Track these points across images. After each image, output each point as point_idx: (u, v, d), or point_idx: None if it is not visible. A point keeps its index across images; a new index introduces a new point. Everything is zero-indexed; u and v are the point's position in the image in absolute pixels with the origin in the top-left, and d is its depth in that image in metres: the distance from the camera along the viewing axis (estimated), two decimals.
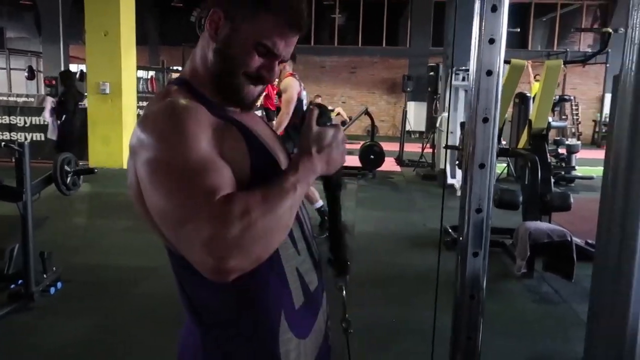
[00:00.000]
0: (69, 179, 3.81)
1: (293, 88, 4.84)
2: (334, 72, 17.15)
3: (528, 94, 8.38)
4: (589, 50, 16.63)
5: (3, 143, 3.42)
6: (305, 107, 4.84)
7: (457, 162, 6.35)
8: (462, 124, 7.63)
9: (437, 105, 9.71)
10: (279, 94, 5.18)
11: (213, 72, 0.97)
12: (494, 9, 1.16)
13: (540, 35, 17.62)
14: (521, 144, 5.23)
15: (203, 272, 0.79)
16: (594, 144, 15.55)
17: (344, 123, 11.48)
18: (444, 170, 7.33)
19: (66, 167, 3.78)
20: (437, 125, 8.68)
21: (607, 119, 15.52)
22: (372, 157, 8.50)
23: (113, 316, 3.37)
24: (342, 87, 17.14)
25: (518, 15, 16.91)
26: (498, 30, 1.17)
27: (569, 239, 3.89)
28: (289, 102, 4.81)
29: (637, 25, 1.22)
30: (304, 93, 4.99)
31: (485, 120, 1.17)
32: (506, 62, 4.79)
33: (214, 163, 0.85)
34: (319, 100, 13.89)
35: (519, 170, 8.26)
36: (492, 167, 1.20)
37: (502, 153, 4.83)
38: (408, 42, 17.03)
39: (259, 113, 12.10)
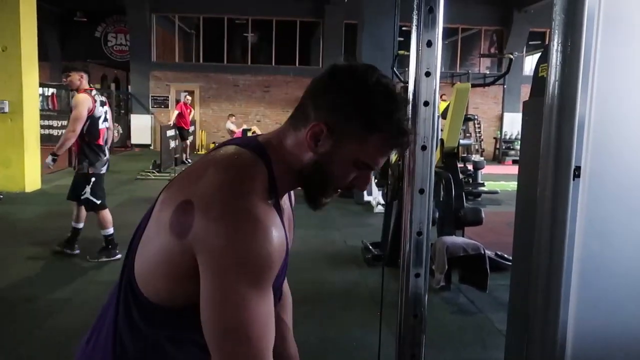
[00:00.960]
0: None
1: (83, 105, 4.59)
2: (248, 91, 17.13)
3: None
4: (487, 72, 17.81)
5: None
6: (102, 125, 4.74)
7: (374, 180, 6.56)
8: None
9: None
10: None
11: (305, 177, 0.97)
12: (429, 44, 1.24)
13: (443, 57, 18.64)
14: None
15: None
16: (495, 159, 16.57)
17: None
18: None
19: None
20: None
21: (507, 137, 16.65)
22: None
23: (19, 355, 3.13)
24: (257, 105, 17.15)
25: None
26: (433, 63, 1.25)
27: (483, 252, 4.12)
28: (76, 120, 4.56)
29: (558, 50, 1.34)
30: (101, 109, 4.77)
31: (424, 148, 1.24)
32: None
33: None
34: (233, 120, 13.83)
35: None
36: (430, 191, 1.27)
37: None
38: (321, 62, 17.38)
39: (171, 132, 11.84)
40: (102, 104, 4.82)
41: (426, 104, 1.25)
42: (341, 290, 4.43)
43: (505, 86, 15.98)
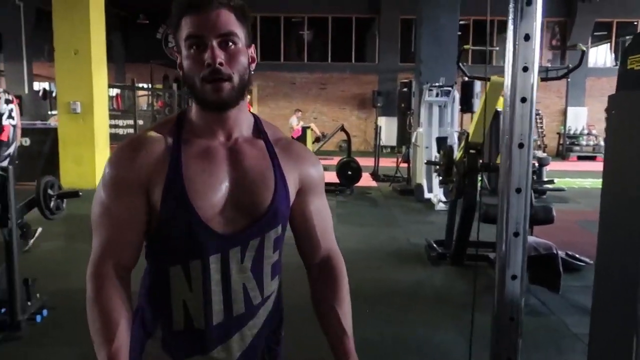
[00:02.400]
0: (52, 202, 3.71)
1: None
2: (305, 88, 17.23)
3: (499, 110, 8.59)
4: (549, 64, 17.18)
5: None
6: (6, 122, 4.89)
7: (438, 177, 6.46)
8: (438, 140, 7.76)
9: (411, 120, 9.85)
10: None
11: (189, 93, 1.09)
12: (527, 37, 1.20)
13: (502, 51, 18.12)
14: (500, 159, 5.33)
15: None
16: (558, 155, 15.99)
17: (317, 139, 11.53)
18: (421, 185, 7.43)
19: (49, 191, 3.68)
20: (413, 140, 8.79)
21: (571, 132, 16.04)
22: (349, 173, 8.56)
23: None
24: (313, 103, 17.23)
25: (482, 32, 17.38)
26: (531, 58, 1.21)
27: (555, 252, 3.98)
28: None
29: None
30: (6, 107, 5.00)
31: (521, 145, 1.20)
32: (486, 79, 4.90)
33: (113, 215, 1.09)
34: (298, 115, 13.92)
35: (494, 182, 8.44)
36: (527, 191, 1.23)
37: (485, 168, 4.93)
38: (377, 58, 17.27)
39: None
40: (7, 101, 5.05)
41: (523, 100, 1.21)
42: (406, 288, 4.39)
43: (569, 79, 15.36)
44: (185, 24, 1.05)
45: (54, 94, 17.40)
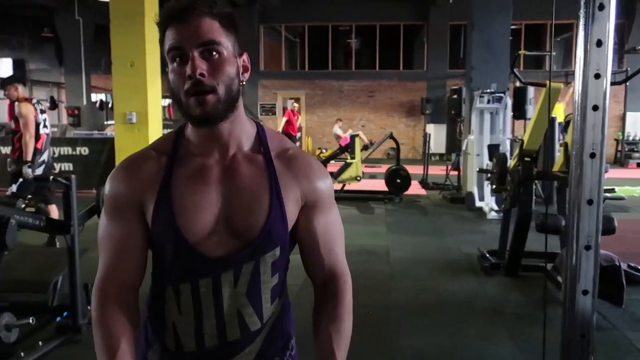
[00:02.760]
0: None
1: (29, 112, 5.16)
2: (352, 96, 17.23)
3: (554, 117, 8.34)
4: None
5: (52, 177, 3.45)
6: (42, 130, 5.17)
7: (489, 185, 6.30)
8: (490, 147, 7.60)
9: (462, 128, 9.69)
10: None
11: (177, 109, 1.05)
12: (599, 43, 1.15)
13: (557, 55, 17.61)
14: (557, 167, 5.18)
15: None
16: (616, 162, 15.37)
17: (365, 147, 11.49)
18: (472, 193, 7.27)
19: None
20: (463, 148, 8.64)
21: (630, 138, 15.38)
22: (398, 181, 8.48)
23: None
24: (361, 110, 17.21)
25: (533, 36, 16.96)
26: (604, 64, 1.16)
27: (618, 264, 3.81)
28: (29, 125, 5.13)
29: None
30: (40, 116, 5.28)
31: (593, 155, 1.15)
32: (542, 85, 4.78)
33: (116, 240, 1.08)
34: (340, 124, 13.94)
35: (548, 191, 8.18)
36: (599, 202, 1.18)
37: (540, 176, 4.79)
38: (425, 65, 17.09)
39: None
40: (42, 111, 5.31)
41: (595, 108, 1.16)
42: (460, 299, 4.30)
43: (627, 84, 14.77)
44: (167, 35, 1.01)
45: (110, 105, 18.09)
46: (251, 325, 1.08)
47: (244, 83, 1.08)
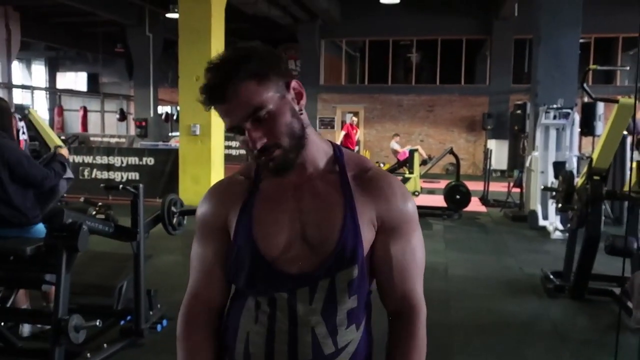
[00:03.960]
0: (175, 219, 3.95)
1: None
2: (412, 111, 17.10)
3: (625, 134, 7.96)
4: None
5: (121, 186, 3.60)
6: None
7: (554, 203, 6.06)
8: (555, 164, 7.33)
9: (525, 144, 9.41)
10: None
11: None
12: None
13: (630, 71, 16.84)
14: (627, 186, 4.93)
15: None
16: None
17: (424, 162, 11.35)
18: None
19: (172, 208, 3.92)
20: (527, 165, 8.38)
21: None
22: (457, 197, 8.32)
23: None
24: (420, 125, 17.03)
25: (603, 50, 16.31)
26: None
27: None
28: None
29: None
30: (19, 124, 5.42)
31: None
32: (614, 101, 4.58)
33: (205, 260, 1.15)
34: (397, 139, 13.83)
35: (617, 211, 7.80)
36: None
37: (610, 196, 4.58)
38: (487, 80, 16.75)
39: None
40: (20, 119, 5.47)
41: None
42: (521, 321, 4.15)
43: None
44: (217, 112, 1.05)
45: (174, 117, 18.74)
46: (325, 348, 1.05)
47: (302, 112, 1.08)
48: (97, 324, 3.02)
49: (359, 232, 1.05)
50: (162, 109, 19.59)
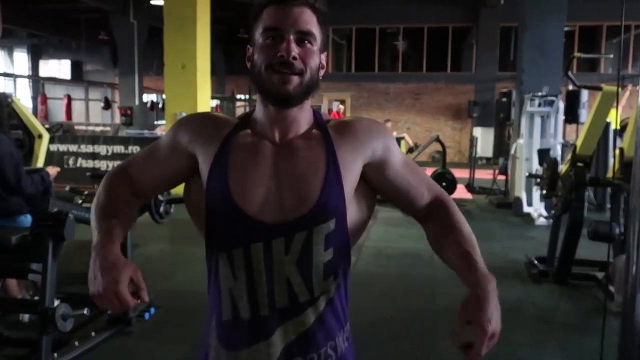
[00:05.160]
0: (162, 207, 3.94)
1: None
2: (398, 99, 17.13)
3: (609, 121, 8.06)
4: None
5: None
6: None
7: (538, 190, 6.14)
8: (540, 151, 7.41)
9: (510, 131, 9.49)
10: None
11: (254, 84, 1.09)
12: None
13: (610, 58, 17.00)
14: (610, 173, 5.01)
15: None
16: None
17: (411, 150, 11.41)
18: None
19: (159, 197, 3.91)
20: (512, 152, 8.46)
21: None
22: (444, 184, 8.37)
23: None
24: (407, 113, 17.08)
25: (587, 38, 16.42)
26: None
27: None
28: None
29: None
30: None
31: None
32: (598, 88, 4.63)
33: (157, 152, 1.17)
34: (388, 125, 13.84)
35: (600, 198, 7.92)
36: None
37: (593, 182, 4.64)
38: (474, 68, 16.82)
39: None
40: None
41: None
42: (506, 306, 4.13)
43: None
44: (266, 15, 1.06)
45: (160, 105, 18.58)
46: (299, 295, 1.08)
47: (320, 79, 1.12)
48: (85, 312, 3.01)
49: (342, 187, 1.07)
50: (147, 97, 19.38)
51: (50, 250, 2.89)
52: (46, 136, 5.18)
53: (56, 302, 2.86)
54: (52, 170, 3.67)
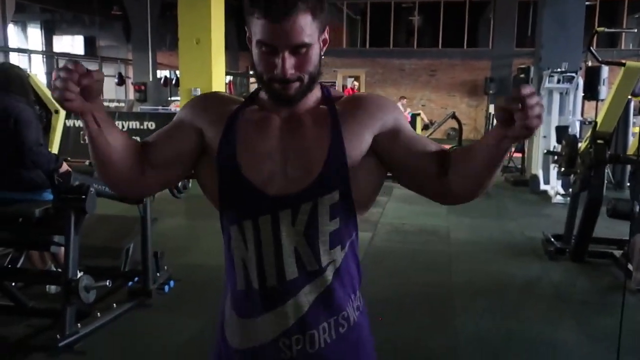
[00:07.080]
0: (180, 182, 3.96)
1: None
2: (414, 75, 16.95)
3: (630, 98, 7.92)
4: None
5: None
6: None
7: (556, 167, 6.08)
8: (558, 128, 7.32)
9: None
10: None
11: (257, 82, 1.12)
12: None
13: (632, 34, 16.64)
14: (631, 150, 4.94)
15: None
16: None
17: (426, 126, 11.34)
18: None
19: None
20: None
21: None
22: None
23: None
24: (422, 90, 16.91)
25: (608, 13, 16.06)
26: None
27: None
28: None
29: None
30: None
31: None
32: (621, 64, 4.54)
33: (168, 130, 1.19)
34: (404, 102, 13.77)
35: (619, 175, 7.83)
36: None
37: (613, 159, 4.58)
38: (490, 44, 16.55)
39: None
40: None
41: None
42: (522, 283, 4.21)
43: None
44: (259, 26, 1.03)
45: (174, 82, 18.56)
46: (308, 265, 1.11)
47: (323, 56, 1.11)
48: (107, 284, 3.07)
49: (345, 160, 1.09)
50: (161, 73, 19.36)
51: (72, 223, 2.94)
52: (62, 112, 5.21)
53: (79, 275, 2.92)
54: (64, 166, 3.60)
